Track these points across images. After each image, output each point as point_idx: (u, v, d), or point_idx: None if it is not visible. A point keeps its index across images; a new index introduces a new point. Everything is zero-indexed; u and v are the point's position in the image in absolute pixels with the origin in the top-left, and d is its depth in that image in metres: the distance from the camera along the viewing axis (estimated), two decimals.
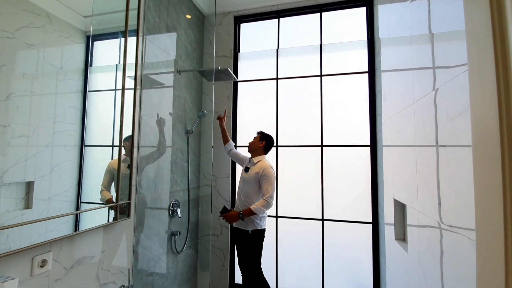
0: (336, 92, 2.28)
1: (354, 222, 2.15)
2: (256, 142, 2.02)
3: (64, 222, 1.17)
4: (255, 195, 1.92)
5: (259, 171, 1.89)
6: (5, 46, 0.94)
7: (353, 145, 2.20)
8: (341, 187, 2.20)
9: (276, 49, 2.44)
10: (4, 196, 0.94)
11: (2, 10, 0.93)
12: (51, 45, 1.11)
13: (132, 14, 1.53)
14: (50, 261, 1.11)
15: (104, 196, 1.38)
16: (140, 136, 1.66)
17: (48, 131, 1.10)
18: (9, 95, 0.96)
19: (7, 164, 0.95)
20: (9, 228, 0.95)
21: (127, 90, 1.48)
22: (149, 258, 1.75)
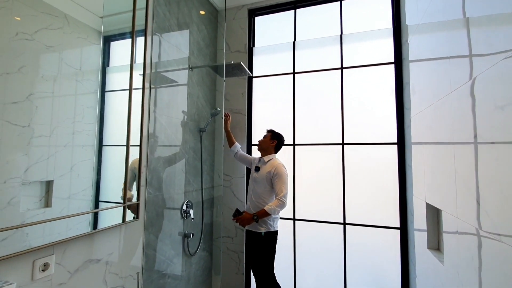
0: (358, 85, 2.11)
1: (380, 227, 1.97)
2: (267, 141, 1.94)
3: (83, 220, 1.19)
4: (267, 196, 1.84)
5: (271, 170, 1.81)
6: (24, 48, 0.96)
7: (378, 142, 2.02)
8: (365, 189, 2.03)
9: (293, 41, 2.31)
10: (24, 195, 0.96)
11: (21, 13, 0.95)
12: (69, 46, 1.13)
13: (141, 14, 1.51)
14: (52, 264, 1.07)
15: (123, 195, 1.38)
16: (150, 135, 1.61)
17: (67, 131, 1.12)
18: (29, 96, 0.98)
19: (27, 163, 0.97)
20: (29, 226, 0.97)
21: (137, 90, 1.48)
22: (160, 260, 1.69)
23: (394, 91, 1.99)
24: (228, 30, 2.44)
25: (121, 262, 1.40)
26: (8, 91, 0.91)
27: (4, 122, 0.90)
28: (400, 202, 1.91)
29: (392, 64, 2.02)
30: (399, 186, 1.92)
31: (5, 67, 0.90)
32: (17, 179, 0.94)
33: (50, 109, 1.05)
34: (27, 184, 0.97)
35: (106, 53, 1.31)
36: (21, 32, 0.95)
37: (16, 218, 0.94)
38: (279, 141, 1.96)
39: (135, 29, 1.43)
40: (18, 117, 0.94)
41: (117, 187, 1.35)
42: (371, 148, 2.04)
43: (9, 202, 0.91)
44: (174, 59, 1.87)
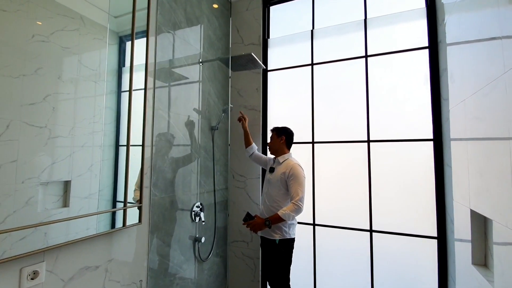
0: (386, 75, 1.87)
1: (413, 236, 1.72)
2: (276, 141, 1.79)
3: (102, 220, 1.20)
4: (282, 199, 1.68)
5: (286, 170, 1.66)
6: (40, 50, 0.97)
7: (410, 139, 1.77)
8: (395, 192, 1.79)
9: (311, 30, 2.12)
10: (42, 195, 0.97)
11: (37, 15, 0.96)
12: (85, 47, 1.14)
13: (151, 12, 1.49)
14: (43, 272, 0.99)
15: (136, 196, 1.35)
16: (154, 134, 1.52)
17: (84, 132, 1.13)
18: (45, 97, 0.99)
19: (45, 164, 0.98)
20: (46, 225, 0.98)
21: (149, 89, 1.46)
22: (167, 267, 1.60)
23: (428, 79, 1.73)
24: (241, 22, 2.30)
25: (122, 269, 1.32)
26: (25, 93, 0.92)
27: (22, 123, 0.91)
28: (437, 208, 1.65)
29: (425, 49, 1.75)
30: (436, 190, 1.66)
31: (22, 69, 0.91)
32: (34, 179, 0.94)
33: (67, 110, 1.07)
34: (45, 184, 0.98)
35: (121, 53, 1.31)
36: (37, 34, 0.96)
37: (34, 218, 0.94)
38: (286, 134, 1.79)
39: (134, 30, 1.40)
40: (35, 118, 0.95)
41: (130, 188, 1.32)
42: (402, 146, 1.79)
43: (27, 202, 0.92)
44: (183, 54, 1.78)
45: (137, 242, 1.40)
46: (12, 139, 0.88)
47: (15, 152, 0.89)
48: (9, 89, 0.88)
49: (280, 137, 1.77)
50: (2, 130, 0.86)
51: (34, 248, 0.93)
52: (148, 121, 1.46)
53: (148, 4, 1.42)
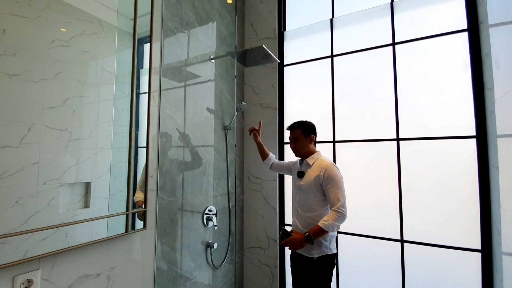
0: (417, 64, 1.65)
1: (452, 248, 1.50)
2: (304, 142, 1.49)
3: (122, 221, 1.20)
4: (320, 207, 1.42)
5: (320, 173, 1.40)
6: (60, 54, 1.00)
7: (448, 136, 1.54)
8: (430, 197, 1.57)
9: (330, 19, 1.95)
10: (64, 196, 1.00)
11: (56, 20, 0.99)
12: (104, 50, 1.16)
13: (165, 13, 1.50)
14: (38, 281, 0.93)
15: (136, 197, 1.30)
16: (161, 135, 1.47)
17: (104, 134, 1.15)
18: (65, 101, 1.01)
19: (65, 166, 1.00)
20: (67, 226, 1.00)
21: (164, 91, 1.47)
22: (176, 275, 1.51)
23: (469, 66, 1.50)
24: (255, 16, 2.19)
25: (126, 277, 1.24)
26: (46, 97, 0.95)
27: (43, 126, 0.94)
28: (481, 216, 1.42)
29: (464, 32, 1.53)
30: (480, 195, 1.43)
31: (42, 73, 0.94)
32: (55, 181, 0.96)
33: (87, 113, 1.08)
34: (65, 186, 1.00)
35: (139, 55, 1.31)
36: (57, 39, 0.99)
37: (55, 219, 0.96)
38: (313, 130, 1.53)
39: (153, 29, 1.40)
40: (56, 121, 0.97)
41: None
42: (438, 144, 1.57)
43: (49, 203, 0.95)
44: (194, 52, 1.71)
45: (142, 248, 1.33)
46: (34, 142, 0.91)
47: (37, 155, 0.92)
48: (30, 94, 0.91)
49: (308, 136, 1.50)
50: (24, 133, 0.89)
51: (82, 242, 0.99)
52: (154, 122, 1.41)
53: (152, 5, 1.38)
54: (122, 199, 1.21)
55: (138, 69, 1.33)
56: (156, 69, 1.45)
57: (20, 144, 0.88)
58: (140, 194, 1.31)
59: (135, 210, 1.26)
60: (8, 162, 0.86)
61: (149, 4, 1.36)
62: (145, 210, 1.29)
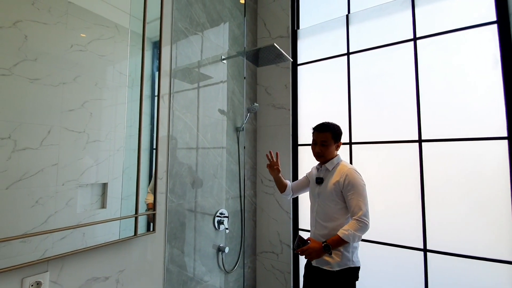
0: (441, 60, 1.55)
1: (482, 259, 1.38)
2: (332, 148, 1.37)
3: (133, 224, 1.19)
4: (341, 215, 1.31)
5: (340, 179, 1.30)
6: (78, 59, 1.02)
7: (476, 138, 1.43)
8: (457, 203, 1.45)
9: (346, 15, 1.87)
10: (81, 196, 1.02)
11: (74, 26, 1.02)
12: (120, 54, 1.18)
13: (177, 14, 1.50)
14: (46, 283, 0.93)
15: (147, 199, 1.30)
16: (170, 137, 1.45)
17: (120, 136, 1.16)
18: (83, 104, 1.04)
19: (82, 167, 1.02)
20: (85, 226, 1.02)
21: (177, 93, 1.46)
22: (187, 278, 1.48)
23: (499, 62, 1.39)
24: (267, 14, 2.15)
25: (135, 281, 1.23)
26: (65, 100, 0.98)
27: (62, 128, 0.96)
28: None
29: (493, 24, 1.41)
30: None
31: (62, 77, 0.97)
32: (73, 182, 0.99)
33: (103, 115, 1.10)
34: (83, 186, 1.02)
35: (154, 57, 1.33)
36: (76, 44, 1.02)
37: (74, 219, 0.99)
38: (341, 136, 1.41)
39: (145, 40, 1.38)
40: (74, 124, 1.00)
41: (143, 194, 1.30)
42: (464, 146, 1.46)
43: (67, 204, 0.97)
44: (206, 53, 1.70)
45: (151, 251, 1.31)
46: (53, 144, 0.93)
47: (56, 156, 0.94)
48: (50, 97, 0.94)
49: (337, 142, 1.38)
50: (44, 135, 0.91)
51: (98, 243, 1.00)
52: (164, 124, 1.40)
53: (161, 8, 1.37)
54: (140, 199, 1.21)
55: (153, 72, 1.33)
56: (167, 71, 1.44)
57: (40, 146, 0.91)
58: (150, 196, 1.30)
59: (143, 213, 1.24)
60: (29, 164, 0.88)
61: (159, 7, 1.36)
62: (154, 213, 1.28)
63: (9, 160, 0.85)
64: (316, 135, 1.40)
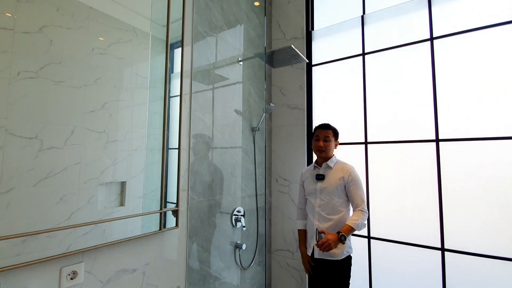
0: (459, 59, 1.53)
1: (504, 259, 1.35)
2: (333, 144, 1.53)
3: (154, 219, 1.24)
4: (343, 207, 1.46)
5: (344, 175, 1.45)
6: (99, 62, 1.06)
7: (498, 137, 1.41)
8: (477, 203, 1.44)
9: (361, 15, 1.88)
10: (102, 194, 1.06)
11: (95, 30, 1.06)
12: (138, 56, 1.22)
13: (196, 18, 1.53)
14: (82, 273, 1.00)
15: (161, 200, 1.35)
16: (192, 136, 1.50)
17: (137, 136, 1.20)
18: (103, 105, 1.08)
19: (103, 166, 1.06)
20: (105, 223, 1.06)
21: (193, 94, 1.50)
22: (206, 273, 1.54)
23: None
24: (282, 16, 2.18)
25: (160, 273, 1.29)
26: (86, 101, 1.02)
27: (84, 129, 1.00)
28: None
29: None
30: None
31: (84, 79, 1.01)
32: (94, 180, 1.03)
33: (122, 116, 1.14)
34: (103, 184, 1.06)
35: (170, 60, 1.35)
36: (96, 47, 1.06)
37: (95, 215, 1.02)
38: (338, 136, 1.58)
39: (184, 34, 1.45)
40: (95, 124, 1.04)
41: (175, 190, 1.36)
42: (485, 145, 1.44)
43: (89, 201, 1.01)
44: (223, 55, 1.74)
45: (174, 246, 1.37)
46: (76, 143, 0.98)
47: (79, 155, 0.98)
48: (73, 99, 0.98)
49: (336, 140, 1.56)
50: (67, 135, 0.95)
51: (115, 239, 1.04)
52: (185, 124, 1.45)
53: (183, 12, 1.42)
54: (155, 198, 1.25)
55: (169, 73, 1.36)
56: (187, 72, 1.49)
57: (64, 145, 0.95)
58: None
59: (167, 209, 1.30)
60: (54, 162, 0.92)
61: (180, 10, 1.40)
62: (177, 209, 1.33)
63: (36, 158, 0.88)
64: (319, 132, 1.53)
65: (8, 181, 0.83)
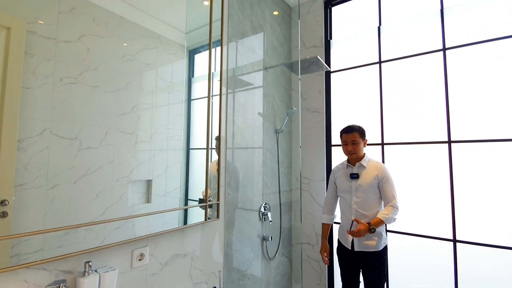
0: (469, 68, 1.67)
1: (510, 249, 1.49)
2: (361, 145, 1.60)
3: (175, 216, 1.31)
4: (377, 203, 1.55)
5: (378, 173, 1.54)
6: (129, 68, 1.13)
7: (505, 139, 1.55)
8: (487, 199, 1.58)
9: (378, 26, 2.01)
10: (131, 192, 1.13)
11: (126, 38, 1.13)
12: (162, 62, 1.28)
13: (217, 25, 1.59)
14: (147, 255, 1.18)
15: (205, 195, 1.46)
16: (227, 137, 1.65)
17: (162, 137, 1.27)
18: (133, 108, 1.15)
19: (132, 165, 1.13)
20: (135, 218, 1.13)
21: (216, 96, 1.58)
22: (240, 261, 1.70)
23: None
24: (302, 26, 2.32)
25: (204, 259, 1.46)
26: (118, 105, 1.09)
27: (116, 130, 1.07)
28: None
29: None
30: None
31: (116, 84, 1.08)
32: (125, 178, 1.10)
33: (149, 118, 1.21)
34: (133, 182, 1.13)
35: (191, 65, 1.43)
36: (126, 54, 1.13)
37: (125, 211, 1.10)
38: (365, 134, 1.63)
39: (212, 40, 1.53)
40: (126, 126, 1.11)
41: (198, 187, 1.44)
42: (493, 146, 1.58)
43: (120, 198, 1.08)
44: (249, 62, 1.88)
45: (215, 236, 1.53)
46: (110, 144, 1.04)
47: (111, 155, 1.05)
48: (107, 102, 1.05)
49: (364, 140, 1.62)
50: (102, 136, 1.02)
51: (144, 233, 1.12)
52: (221, 125, 1.58)
53: (222, 18, 1.56)
54: (177, 196, 1.33)
55: (190, 78, 1.41)
56: (216, 74, 1.61)
57: (99, 145, 1.02)
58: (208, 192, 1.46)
59: (211, 202, 1.45)
60: (91, 161, 0.99)
61: (205, 18, 1.50)
62: (218, 203, 1.49)
63: (76, 158, 0.95)
64: (345, 137, 1.61)
65: (53, 178, 0.90)
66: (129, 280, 1.11)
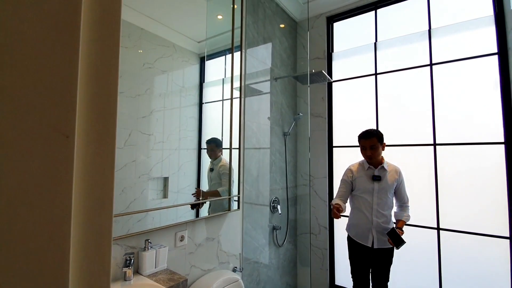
0: (452, 81, 1.93)
1: (483, 235, 1.77)
2: (380, 150, 1.64)
3: (189, 210, 1.44)
4: (393, 204, 1.70)
5: (397, 176, 1.65)
6: (148, 75, 1.23)
7: (479, 142, 1.82)
8: (464, 193, 1.85)
9: (374, 42, 2.28)
10: (150, 188, 1.23)
11: (145, 48, 1.23)
12: (176, 69, 1.38)
13: (228, 35, 1.75)
14: (186, 237, 1.42)
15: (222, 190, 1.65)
16: (243, 139, 1.87)
17: (176, 137, 1.36)
18: (151, 111, 1.24)
19: (151, 163, 1.23)
20: (154, 211, 1.25)
21: (230, 100, 1.73)
22: (254, 247, 1.96)
23: (498, 84, 1.77)
24: (306, 39, 2.56)
25: (227, 243, 1.71)
26: (139, 108, 1.18)
27: (137, 132, 1.16)
28: (509, 209, 1.69)
29: (495, 55, 1.80)
30: (508, 192, 1.70)
31: (137, 90, 1.17)
32: (145, 175, 1.19)
33: (165, 120, 1.30)
34: (152, 179, 1.23)
35: (202, 71, 1.53)
36: (146, 62, 1.21)
37: (146, 205, 1.20)
38: (383, 138, 1.67)
39: (234, 44, 1.72)
40: (145, 128, 1.20)
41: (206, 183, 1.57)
42: (470, 149, 1.85)
43: (142, 193, 1.18)
44: (261, 72, 2.11)
45: (236, 224, 1.79)
46: (132, 144, 1.13)
47: (134, 154, 1.14)
48: (130, 106, 1.14)
49: (382, 144, 1.65)
50: (126, 137, 1.11)
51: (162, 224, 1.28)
52: (236, 127, 1.80)
53: (241, 27, 1.76)
54: (190, 191, 1.45)
55: (201, 82, 1.51)
56: (228, 80, 1.82)
57: (124, 146, 1.11)
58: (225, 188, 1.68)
59: (233, 195, 1.71)
60: (117, 160, 1.06)
61: (219, 28, 1.67)
62: (239, 196, 1.77)
63: None
64: (364, 142, 1.65)
65: None
66: (174, 256, 1.36)
